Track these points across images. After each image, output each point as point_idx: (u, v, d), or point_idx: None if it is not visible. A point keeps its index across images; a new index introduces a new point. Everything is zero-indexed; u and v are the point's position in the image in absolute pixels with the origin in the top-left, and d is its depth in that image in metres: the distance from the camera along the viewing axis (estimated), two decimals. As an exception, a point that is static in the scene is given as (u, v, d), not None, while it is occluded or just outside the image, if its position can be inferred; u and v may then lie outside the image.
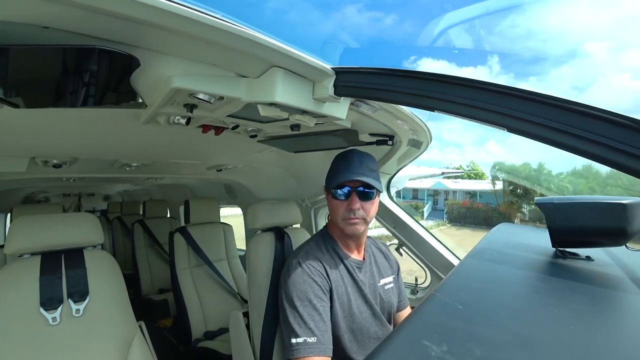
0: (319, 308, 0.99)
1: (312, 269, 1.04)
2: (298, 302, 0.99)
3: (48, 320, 1.07)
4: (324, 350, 0.94)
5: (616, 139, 0.50)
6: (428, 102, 0.70)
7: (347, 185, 1.06)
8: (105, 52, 0.62)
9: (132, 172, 2.04)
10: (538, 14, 23.94)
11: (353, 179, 1.03)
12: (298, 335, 0.95)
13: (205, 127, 1.17)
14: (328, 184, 1.11)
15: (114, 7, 0.51)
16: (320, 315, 0.98)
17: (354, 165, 1.06)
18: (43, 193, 4.58)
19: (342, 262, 1.12)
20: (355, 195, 1.05)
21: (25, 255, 1.13)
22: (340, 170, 1.08)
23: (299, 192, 2.28)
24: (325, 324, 0.99)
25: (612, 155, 0.51)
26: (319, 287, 1.02)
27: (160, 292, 3.32)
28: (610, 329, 0.50)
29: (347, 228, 1.08)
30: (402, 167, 1.75)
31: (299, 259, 1.07)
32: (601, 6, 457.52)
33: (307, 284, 1.01)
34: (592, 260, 0.83)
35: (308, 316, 0.97)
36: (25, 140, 1.24)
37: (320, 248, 1.13)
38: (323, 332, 0.97)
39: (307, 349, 0.93)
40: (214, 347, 2.04)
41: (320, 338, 0.95)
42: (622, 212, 0.74)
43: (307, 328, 0.95)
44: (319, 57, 0.80)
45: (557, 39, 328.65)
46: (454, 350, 0.42)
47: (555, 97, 0.55)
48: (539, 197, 0.90)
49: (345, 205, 1.07)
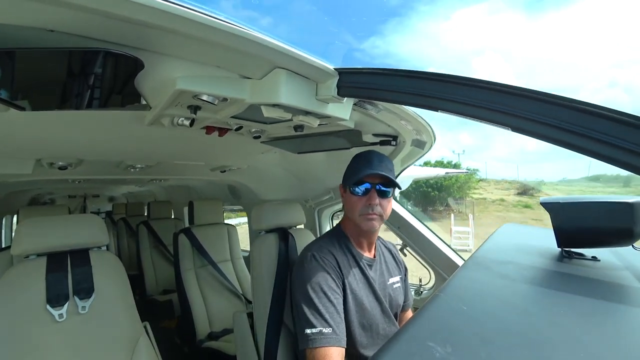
0: (333, 300, 1.00)
1: (327, 261, 1.06)
2: (313, 294, 1.00)
3: (55, 316, 1.09)
4: (339, 340, 0.95)
5: (620, 137, 0.49)
6: (432, 102, 0.70)
7: (367, 181, 1.09)
8: (110, 54, 0.63)
9: (137, 173, 2.05)
10: (395, 39, 24.03)
11: (374, 172, 1.07)
12: (314, 326, 0.95)
13: (209, 128, 1.17)
14: (346, 181, 1.15)
15: (118, 10, 0.51)
16: (335, 307, 1.00)
17: (374, 163, 1.10)
18: (49, 195, 4.62)
19: (354, 259, 1.14)
20: (375, 192, 1.09)
21: (31, 256, 1.14)
22: (360, 167, 1.11)
23: (303, 193, 2.28)
24: (340, 315, 1.00)
25: (616, 154, 0.50)
26: (333, 280, 1.03)
27: (164, 292, 3.33)
28: (617, 330, 0.50)
29: (364, 224, 1.10)
30: (405, 167, 1.75)
31: (313, 252, 1.09)
32: (447, 42, 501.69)
33: (322, 276, 1.03)
34: (598, 260, 0.82)
35: (323, 307, 0.98)
36: (31, 142, 1.25)
37: (334, 244, 1.15)
38: (338, 324, 0.98)
39: (323, 339, 0.94)
40: (219, 348, 2.04)
41: (335, 329, 0.96)
42: (628, 211, 0.73)
43: (322, 319, 0.96)
44: (322, 58, 0.80)
45: (407, 61, 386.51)
46: (458, 352, 0.42)
47: (559, 96, 0.54)
48: (544, 197, 0.89)
49: (364, 201, 1.09)
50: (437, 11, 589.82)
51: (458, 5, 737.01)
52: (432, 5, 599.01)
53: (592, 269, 0.76)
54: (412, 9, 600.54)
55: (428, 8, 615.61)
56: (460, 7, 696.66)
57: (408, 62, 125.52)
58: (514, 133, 0.61)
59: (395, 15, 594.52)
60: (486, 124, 0.64)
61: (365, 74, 0.81)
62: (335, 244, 1.15)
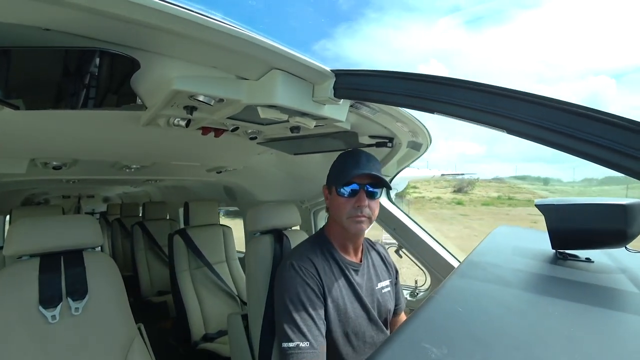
0: (312, 312, 0.97)
1: (305, 271, 1.02)
2: (291, 306, 0.97)
3: (47, 318, 1.07)
4: (316, 355, 0.93)
5: (613, 140, 0.50)
6: (428, 105, 0.70)
7: (356, 182, 1.05)
8: (106, 54, 0.62)
9: (132, 174, 2.04)
10: (345, 43, 24.84)
11: (365, 172, 1.03)
12: (291, 340, 0.93)
13: (205, 129, 1.17)
14: (334, 182, 1.10)
15: (115, 10, 0.51)
16: (313, 320, 0.97)
17: (363, 163, 1.06)
18: (43, 195, 4.58)
19: (337, 265, 1.10)
20: (364, 193, 1.05)
21: (24, 257, 1.13)
22: (348, 167, 1.07)
23: (299, 194, 2.28)
24: (319, 328, 0.97)
25: (610, 156, 0.51)
26: (312, 290, 1.00)
27: (159, 294, 3.31)
28: (610, 331, 0.50)
29: (353, 226, 1.06)
30: (401, 169, 1.75)
31: (292, 260, 1.05)
32: (396, 49, 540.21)
33: (300, 287, 1.00)
34: (592, 262, 0.82)
35: (301, 320, 0.95)
36: (25, 141, 1.24)
37: (315, 250, 1.11)
38: (316, 337, 0.95)
39: (300, 353, 0.92)
40: (214, 349, 2.03)
41: (313, 342, 0.93)
42: (621, 213, 0.74)
43: (299, 332, 0.94)
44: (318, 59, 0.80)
45: (358, 64, 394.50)
46: (453, 353, 0.42)
47: (555, 99, 0.55)
48: (538, 199, 0.90)
49: (352, 202, 1.05)
50: (386, 19, 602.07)
51: (406, 16, 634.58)
52: (382, 13, 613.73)
53: (586, 271, 0.77)
54: (362, 15, 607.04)
55: (378, 15, 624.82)
56: (408, 18, 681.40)
57: (359, 66, 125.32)
58: (509, 135, 0.61)
59: (345, 19, 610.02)
60: (482, 126, 0.64)
61: (361, 75, 0.81)
62: (317, 251, 1.10)
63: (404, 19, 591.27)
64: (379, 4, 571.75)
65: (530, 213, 15.02)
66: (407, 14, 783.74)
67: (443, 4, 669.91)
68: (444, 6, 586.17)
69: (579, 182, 27.07)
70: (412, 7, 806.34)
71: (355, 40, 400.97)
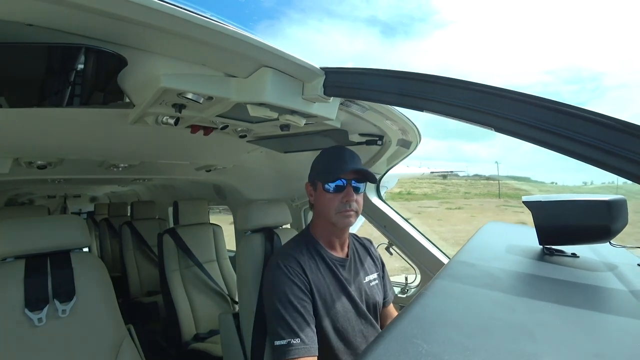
0: (301, 309, 0.99)
1: (291, 269, 1.04)
2: (279, 305, 0.99)
3: (33, 321, 1.05)
4: (308, 350, 0.94)
5: (601, 139, 0.51)
6: (417, 103, 0.70)
7: (343, 177, 1.07)
8: (91, 50, 0.61)
9: (120, 173, 2.01)
10: (267, 41, 25.31)
11: (353, 168, 1.06)
12: (282, 337, 0.95)
13: (194, 127, 1.16)
14: (319, 179, 1.12)
15: (100, 5, 0.50)
16: (303, 316, 0.98)
17: (347, 159, 1.09)
18: (27, 195, 4.49)
19: (323, 261, 1.12)
20: (351, 187, 1.08)
21: (9, 259, 1.11)
22: (334, 164, 1.09)
23: (289, 193, 2.27)
24: (309, 324, 0.98)
25: (597, 155, 0.52)
26: (299, 288, 1.02)
27: (149, 294, 3.27)
28: (595, 324, 0.52)
29: (342, 221, 1.08)
30: (391, 166, 1.76)
31: (278, 260, 1.07)
32: (319, 50, 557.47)
33: (287, 285, 1.01)
34: (577, 257, 0.84)
35: (290, 317, 0.97)
36: (8, 140, 1.21)
37: (300, 248, 1.12)
38: (307, 333, 0.96)
39: (292, 350, 0.93)
40: (205, 349, 2.02)
41: (304, 339, 0.95)
42: (605, 209, 0.76)
43: (289, 329, 0.95)
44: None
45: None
46: (444, 348, 0.43)
47: (543, 98, 0.56)
48: (525, 196, 0.91)
49: (340, 198, 1.08)
50: (308, 21, 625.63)
51: (328, 21, 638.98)
52: (304, 15, 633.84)
53: (572, 266, 0.78)
54: (284, 14, 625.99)
55: (300, 17, 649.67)
56: (330, 23, 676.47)
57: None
58: (497, 133, 0.62)
59: (267, 17, 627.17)
60: (470, 124, 0.65)
61: (351, 73, 0.82)
62: (302, 249, 1.12)
63: (326, 23, 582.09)
64: (301, 6, 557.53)
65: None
66: (330, 19, 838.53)
67: (361, 14, 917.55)
68: (362, 15, 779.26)
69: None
70: (334, 13, 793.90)
71: (277, 38, 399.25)
